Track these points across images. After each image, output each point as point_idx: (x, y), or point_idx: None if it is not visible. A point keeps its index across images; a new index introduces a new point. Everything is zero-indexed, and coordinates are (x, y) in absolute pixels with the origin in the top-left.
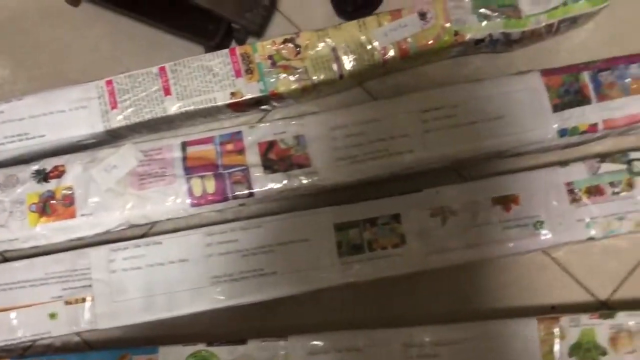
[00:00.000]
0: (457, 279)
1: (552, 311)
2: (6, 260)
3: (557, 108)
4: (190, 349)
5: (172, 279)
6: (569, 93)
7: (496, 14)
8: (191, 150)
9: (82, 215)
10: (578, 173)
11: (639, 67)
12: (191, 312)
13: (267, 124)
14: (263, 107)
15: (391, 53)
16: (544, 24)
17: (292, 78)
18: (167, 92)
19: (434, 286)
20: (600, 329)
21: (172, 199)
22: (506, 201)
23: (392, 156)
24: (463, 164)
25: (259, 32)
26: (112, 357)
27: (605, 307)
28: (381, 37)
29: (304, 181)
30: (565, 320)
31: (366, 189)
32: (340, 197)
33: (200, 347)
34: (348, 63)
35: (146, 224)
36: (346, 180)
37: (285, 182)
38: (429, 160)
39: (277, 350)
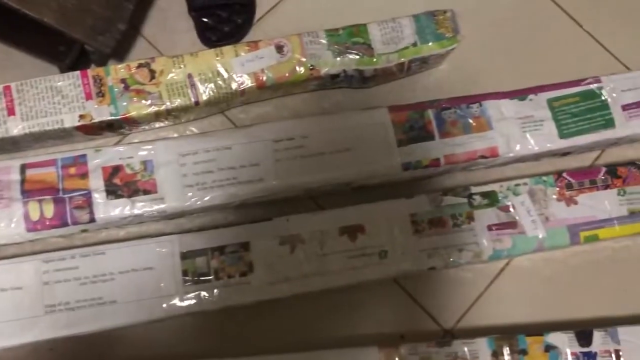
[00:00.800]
0: (305, 307)
1: (401, 340)
2: None
3: (402, 143)
4: None
5: (2, 307)
6: (414, 129)
7: (350, 51)
8: (30, 172)
9: None
10: (421, 205)
11: (479, 107)
12: (18, 343)
13: (114, 148)
14: (121, 130)
15: (248, 83)
16: (394, 62)
17: (145, 102)
18: (10, 112)
19: (282, 315)
20: (438, 357)
21: (7, 223)
22: (353, 231)
23: (241, 185)
24: (314, 194)
25: (112, 55)
26: None
27: (450, 336)
28: (238, 66)
29: (150, 207)
30: (405, 348)
31: (216, 217)
32: (188, 224)
33: None
34: (204, 90)
35: None
36: (193, 208)
37: (129, 208)
38: (278, 189)
39: None
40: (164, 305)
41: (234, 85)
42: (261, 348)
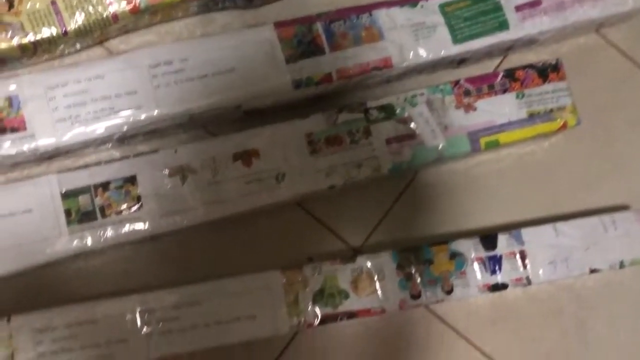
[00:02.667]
0: (206, 239)
1: (308, 262)
2: None
3: (290, 59)
4: None
5: None
6: (302, 44)
7: None
8: None
9: None
10: (317, 124)
11: (369, 16)
12: None
13: None
14: None
15: (120, 7)
16: None
17: (5, 35)
18: None
19: (180, 248)
20: (342, 274)
21: None
22: (246, 156)
23: (119, 115)
24: (204, 121)
25: None
26: None
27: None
28: None
29: (20, 146)
30: (308, 269)
31: (100, 155)
32: (67, 163)
33: None
34: (72, 18)
35: None
36: (69, 144)
37: None
38: (160, 117)
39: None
40: (48, 250)
41: (104, 11)
42: (161, 283)
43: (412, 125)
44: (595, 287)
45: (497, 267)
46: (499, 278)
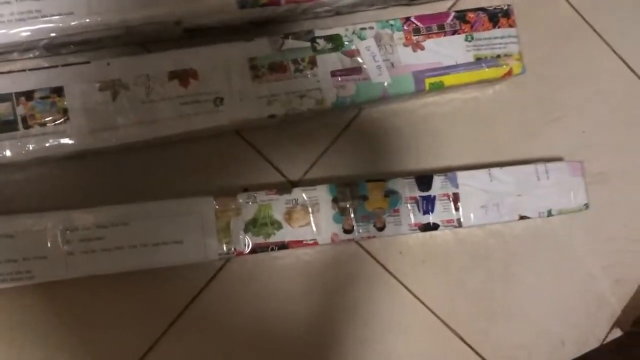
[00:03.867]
0: (137, 160)
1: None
2: None
3: None
4: None
5: None
6: None
7: None
8: None
9: None
10: (261, 49)
11: None
12: None
13: None
14: None
15: None
16: None
17: None
18: None
19: (109, 167)
20: (277, 204)
21: None
22: (184, 76)
23: (47, 19)
24: (141, 37)
25: None
26: None
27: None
28: None
29: None
30: (242, 196)
31: (26, 63)
32: None
33: None
34: None
35: None
36: None
37: None
38: (93, 26)
39: None
40: None
41: None
42: (86, 202)
43: (359, 59)
44: (523, 235)
45: (429, 208)
46: (430, 218)
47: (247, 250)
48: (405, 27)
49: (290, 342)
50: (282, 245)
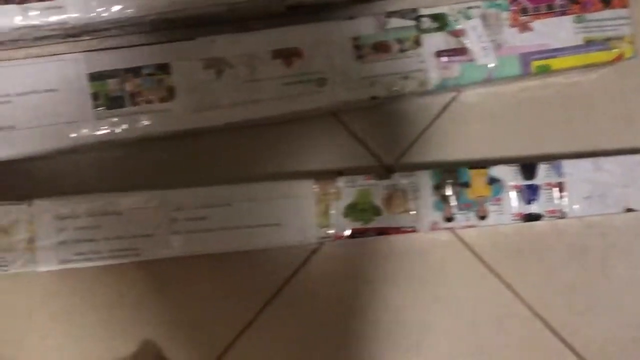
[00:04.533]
0: (235, 140)
1: (338, 176)
2: None
3: None
4: None
5: None
6: None
7: None
8: None
9: None
10: (365, 27)
11: None
12: None
13: None
14: None
15: None
16: None
17: None
18: None
19: (209, 147)
20: (376, 189)
21: None
22: (288, 55)
23: None
24: (244, 13)
25: None
26: None
27: (392, 172)
28: None
29: (46, 18)
30: (342, 181)
31: (131, 39)
32: (96, 44)
33: None
34: None
35: None
36: (99, 20)
37: (21, 17)
38: (199, 2)
39: (19, 215)
40: (73, 134)
41: None
42: (186, 182)
43: (464, 39)
44: (622, 227)
45: (533, 197)
46: (534, 208)
47: (346, 235)
48: (512, 7)
49: (380, 328)
50: (381, 231)
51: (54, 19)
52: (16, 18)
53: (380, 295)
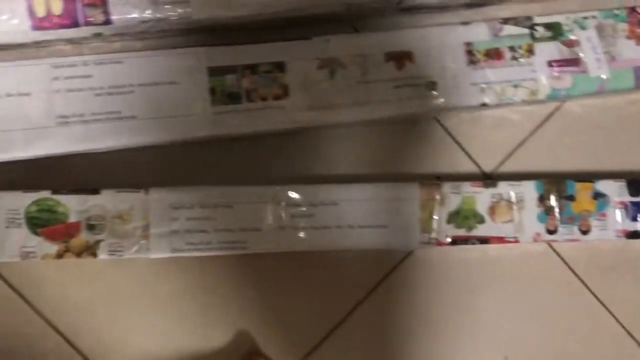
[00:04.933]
0: (341, 139)
1: (437, 181)
2: None
3: None
4: (31, 196)
5: (8, 114)
6: None
7: None
8: None
9: None
10: (479, 33)
11: None
12: (31, 155)
13: None
14: None
15: None
16: None
17: None
18: None
19: (316, 146)
20: (481, 197)
21: (8, 17)
22: (400, 57)
23: None
24: (359, 12)
25: None
26: None
27: (489, 180)
28: None
29: (173, 12)
30: (447, 187)
31: (248, 35)
32: (217, 39)
33: (45, 194)
34: None
35: None
36: (224, 15)
37: (150, 11)
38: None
39: (135, 203)
40: (189, 126)
41: None
42: (294, 178)
43: (578, 50)
44: None
45: (638, 215)
46: (638, 226)
47: (448, 242)
48: (630, 19)
49: (468, 335)
50: (483, 240)
51: (179, 12)
52: (146, 11)
53: (471, 302)
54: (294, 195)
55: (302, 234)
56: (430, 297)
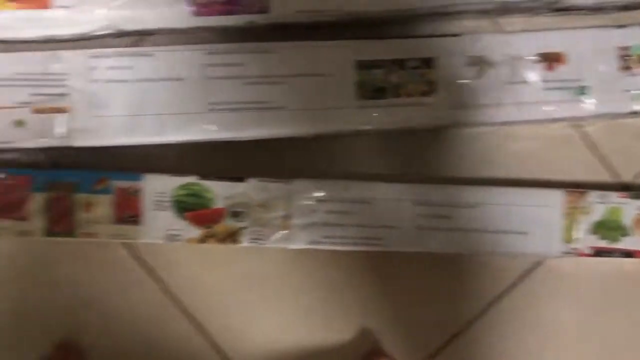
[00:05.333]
0: (482, 140)
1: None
2: None
3: None
4: (180, 180)
5: (163, 99)
6: None
7: None
8: None
9: (60, 6)
10: (635, 37)
11: None
12: (182, 139)
13: None
14: None
15: None
16: None
17: None
18: None
19: (459, 146)
20: (627, 209)
21: (170, 2)
22: (551, 59)
23: None
24: (509, 11)
25: None
26: (87, 179)
27: (627, 190)
28: None
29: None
30: (593, 195)
31: (397, 29)
32: (366, 33)
33: (192, 179)
34: None
35: (136, 33)
36: (374, 10)
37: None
38: None
39: (277, 193)
40: (335, 119)
41: None
42: (438, 177)
43: None
44: None
45: None
46: None
47: (590, 253)
48: None
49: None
50: (628, 253)
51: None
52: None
53: (602, 320)
54: (434, 195)
55: (439, 236)
56: (559, 310)
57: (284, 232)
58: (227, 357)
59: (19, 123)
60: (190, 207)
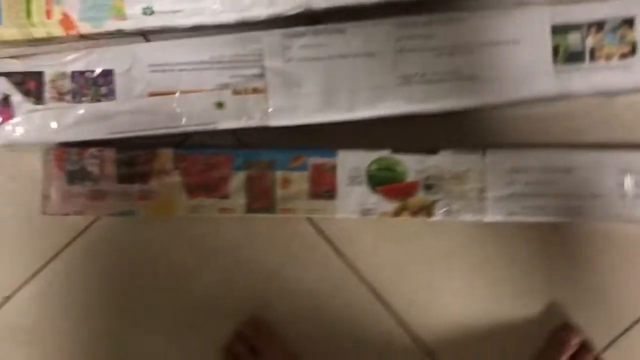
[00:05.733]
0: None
1: None
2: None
3: None
4: (373, 155)
5: (355, 74)
6: None
7: None
8: None
9: None
10: None
11: None
12: (374, 114)
13: None
14: None
15: None
16: None
17: None
18: None
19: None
20: None
21: None
22: None
23: None
24: None
25: None
26: (284, 157)
27: None
28: None
29: None
30: None
31: None
32: None
33: (385, 153)
34: None
35: (326, 11)
36: None
37: None
38: None
39: (472, 164)
40: (529, 86)
41: None
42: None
43: None
44: None
45: None
46: None
47: None
48: None
49: None
50: None
51: None
52: None
53: None
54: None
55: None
56: None
57: (479, 204)
58: (412, 331)
59: (219, 105)
60: (383, 181)
